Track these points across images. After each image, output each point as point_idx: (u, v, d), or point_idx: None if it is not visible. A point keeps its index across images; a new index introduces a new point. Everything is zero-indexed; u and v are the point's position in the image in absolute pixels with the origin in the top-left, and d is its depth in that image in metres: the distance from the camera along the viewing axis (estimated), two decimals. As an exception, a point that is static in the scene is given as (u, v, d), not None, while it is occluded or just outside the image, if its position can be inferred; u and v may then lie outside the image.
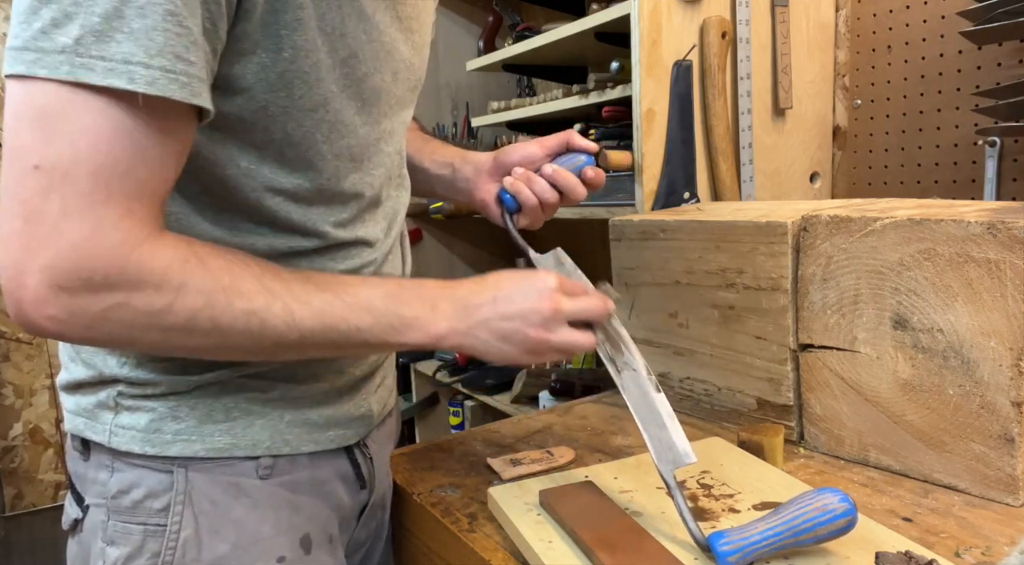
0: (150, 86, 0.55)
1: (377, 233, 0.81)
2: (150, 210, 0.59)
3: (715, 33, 1.24)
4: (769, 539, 0.61)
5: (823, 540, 0.62)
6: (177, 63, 0.56)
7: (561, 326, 0.71)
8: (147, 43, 0.54)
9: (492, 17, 2.01)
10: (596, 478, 0.80)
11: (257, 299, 0.62)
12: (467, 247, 2.34)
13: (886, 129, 1.38)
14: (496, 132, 2.14)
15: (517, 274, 0.74)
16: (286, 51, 0.64)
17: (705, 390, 1.03)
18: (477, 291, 0.72)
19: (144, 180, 0.58)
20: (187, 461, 0.71)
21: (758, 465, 0.82)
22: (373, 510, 0.88)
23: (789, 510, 0.62)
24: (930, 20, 1.28)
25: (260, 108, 0.66)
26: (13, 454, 3.12)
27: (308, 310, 0.64)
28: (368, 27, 0.72)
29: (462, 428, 2.22)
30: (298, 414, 0.76)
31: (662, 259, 1.05)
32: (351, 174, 0.75)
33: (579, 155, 0.90)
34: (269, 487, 0.74)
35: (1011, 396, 0.72)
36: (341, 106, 0.71)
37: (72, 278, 0.56)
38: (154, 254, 0.59)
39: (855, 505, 0.61)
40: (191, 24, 0.56)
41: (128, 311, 0.58)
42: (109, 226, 0.56)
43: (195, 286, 0.60)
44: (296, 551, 0.75)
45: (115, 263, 0.57)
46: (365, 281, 0.71)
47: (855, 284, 0.83)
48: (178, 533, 0.70)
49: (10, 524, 3.02)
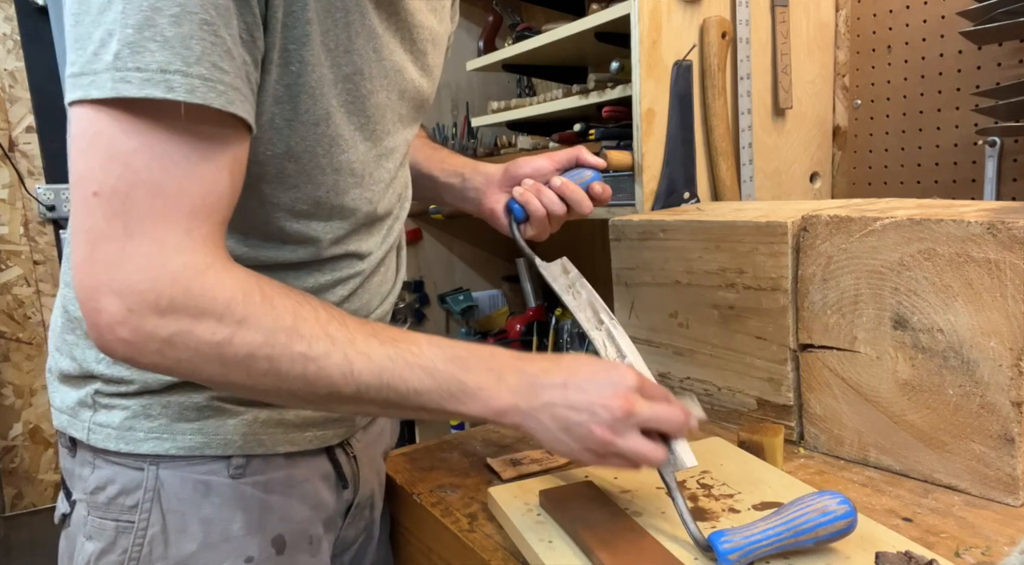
0: (190, 94, 0.55)
1: (371, 246, 0.82)
2: (210, 231, 0.59)
3: (715, 33, 1.24)
4: (770, 539, 0.61)
5: (823, 541, 0.62)
6: (215, 72, 0.56)
7: (631, 431, 0.63)
8: (184, 52, 0.54)
9: (492, 17, 2.01)
10: (596, 478, 0.80)
11: (317, 345, 0.60)
12: (467, 247, 2.34)
13: (886, 129, 1.37)
14: (496, 132, 2.13)
15: (597, 362, 0.68)
16: (294, 65, 0.65)
17: (705, 390, 1.03)
18: (549, 370, 0.66)
19: (199, 198, 0.58)
20: (158, 459, 0.72)
21: (758, 465, 0.82)
22: (360, 509, 0.88)
23: (790, 511, 0.62)
24: (930, 20, 1.28)
25: (266, 121, 0.66)
26: (13, 454, 3.11)
27: (367, 364, 0.62)
28: (378, 45, 0.72)
29: (462, 428, 2.22)
30: (273, 414, 0.76)
31: (662, 259, 1.05)
32: (351, 189, 0.75)
33: (587, 170, 0.93)
34: (240, 486, 0.74)
35: (1011, 396, 0.72)
36: (341, 121, 0.71)
37: (140, 301, 0.56)
38: (220, 283, 0.58)
39: (855, 508, 0.62)
40: (225, 34, 0.56)
41: (192, 339, 0.57)
42: (171, 249, 0.56)
43: (256, 322, 0.59)
44: (266, 551, 0.75)
45: (179, 287, 0.56)
46: (432, 341, 0.66)
47: (855, 284, 0.83)
48: (145, 530, 0.71)
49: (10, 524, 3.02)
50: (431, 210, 2.11)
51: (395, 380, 0.62)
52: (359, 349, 0.62)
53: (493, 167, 0.98)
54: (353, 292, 0.80)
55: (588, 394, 0.64)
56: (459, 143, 2.20)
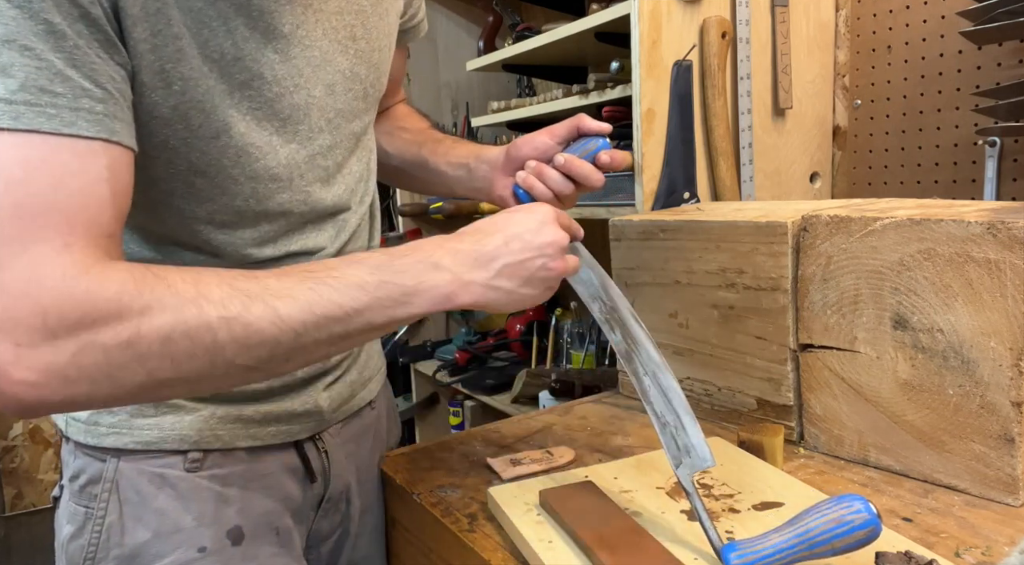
0: (15, 121, 0.54)
1: (322, 242, 0.81)
2: (91, 242, 0.56)
3: (715, 33, 1.24)
4: (783, 552, 0.58)
5: (841, 552, 0.57)
6: (42, 96, 0.55)
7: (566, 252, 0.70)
8: (5, 80, 0.54)
9: (492, 17, 2.01)
10: (596, 478, 0.80)
11: (232, 304, 0.56)
12: (467, 247, 2.33)
13: (886, 129, 1.37)
14: (496, 132, 2.14)
15: (515, 212, 0.70)
16: (176, 84, 0.65)
17: (705, 390, 1.03)
18: (481, 238, 0.67)
19: (74, 211, 0.55)
20: (119, 452, 0.76)
21: (758, 465, 0.82)
22: (334, 503, 0.89)
23: (805, 521, 0.58)
24: (930, 20, 1.28)
25: (160, 143, 0.66)
26: (13, 454, 3.11)
27: (293, 304, 0.58)
28: (283, 45, 0.71)
29: (462, 428, 2.22)
30: (231, 410, 0.78)
31: (662, 259, 1.05)
32: (276, 194, 0.75)
33: (593, 139, 0.85)
34: (196, 479, 0.77)
35: (1011, 396, 0.72)
36: (248, 130, 0.70)
37: (26, 330, 0.51)
38: (104, 279, 0.54)
39: (878, 514, 0.56)
40: (52, 57, 0.55)
41: (97, 350, 0.52)
42: (47, 263, 0.53)
43: (159, 304, 0.54)
44: (220, 542, 0.77)
45: (63, 299, 0.52)
46: (349, 260, 0.64)
47: (855, 284, 0.83)
48: (104, 518, 0.75)
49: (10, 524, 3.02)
50: (431, 210, 2.11)
51: (329, 308, 0.59)
52: (276, 293, 0.58)
53: (496, 151, 0.93)
54: None
55: (528, 239, 0.67)
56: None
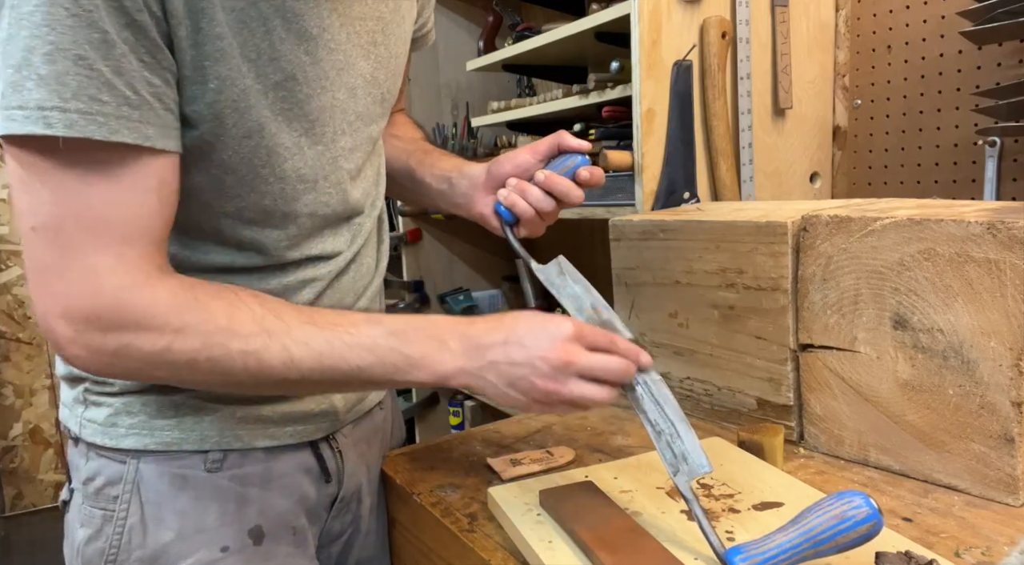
0: (69, 129, 0.57)
1: (339, 246, 0.82)
2: (144, 251, 0.63)
3: (715, 33, 1.24)
4: (788, 551, 0.58)
5: (845, 549, 0.57)
6: (93, 105, 0.58)
7: (571, 379, 0.67)
8: (59, 88, 0.57)
9: (492, 17, 2.01)
10: (596, 478, 0.80)
11: (254, 341, 0.65)
12: (467, 247, 2.34)
13: (886, 129, 1.38)
14: (496, 132, 2.14)
15: (535, 317, 0.70)
16: (212, 82, 0.66)
17: (705, 390, 1.03)
18: (489, 331, 0.69)
19: (125, 223, 0.62)
20: (139, 454, 0.76)
21: (758, 465, 0.82)
22: (345, 503, 0.89)
23: (808, 519, 0.58)
24: (930, 20, 1.28)
25: (192, 140, 0.67)
26: (13, 454, 3.12)
27: (307, 351, 0.66)
28: (312, 47, 0.72)
29: (462, 428, 2.22)
30: (250, 410, 0.78)
31: (662, 259, 1.05)
32: (303, 195, 0.76)
33: (572, 156, 0.86)
34: (216, 480, 0.77)
35: (1011, 396, 0.72)
36: (279, 130, 0.72)
37: (83, 322, 0.62)
38: (154, 297, 0.63)
39: (879, 509, 0.56)
40: (102, 67, 0.58)
41: (135, 350, 0.63)
42: (104, 272, 0.62)
43: (192, 329, 0.63)
44: (242, 541, 0.77)
45: (116, 307, 0.62)
46: (371, 319, 0.70)
47: (855, 284, 0.83)
48: (125, 519, 0.75)
49: (10, 524, 3.02)
50: (431, 210, 2.11)
51: (336, 361, 0.67)
52: (296, 338, 0.66)
53: (477, 168, 0.93)
54: (322, 292, 0.81)
55: (527, 349, 0.67)
56: (459, 143, 2.20)
